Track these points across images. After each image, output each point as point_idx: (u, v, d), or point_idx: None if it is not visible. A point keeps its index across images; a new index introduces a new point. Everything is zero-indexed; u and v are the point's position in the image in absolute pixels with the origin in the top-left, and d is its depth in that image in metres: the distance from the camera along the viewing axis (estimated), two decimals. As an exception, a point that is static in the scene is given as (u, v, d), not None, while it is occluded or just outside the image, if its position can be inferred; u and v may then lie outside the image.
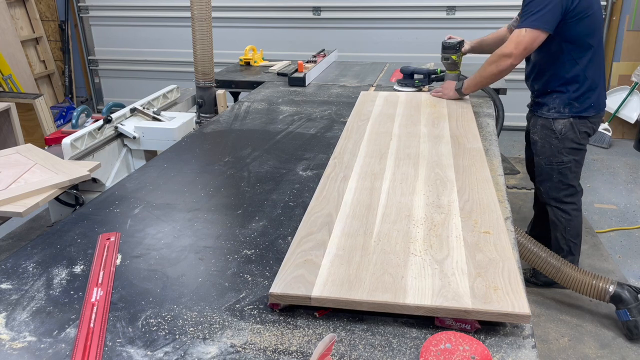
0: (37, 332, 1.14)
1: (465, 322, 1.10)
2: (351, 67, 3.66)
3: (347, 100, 2.82)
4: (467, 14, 5.06)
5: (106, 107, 2.87)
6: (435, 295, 1.14)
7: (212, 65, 2.99)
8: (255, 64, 3.78)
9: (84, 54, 6.03)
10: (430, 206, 1.54)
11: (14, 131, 4.09)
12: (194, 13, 2.79)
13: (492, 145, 2.10)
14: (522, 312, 1.09)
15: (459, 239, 1.36)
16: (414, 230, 1.41)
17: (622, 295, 2.50)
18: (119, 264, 1.38)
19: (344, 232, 1.41)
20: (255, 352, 1.06)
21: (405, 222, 1.45)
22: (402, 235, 1.39)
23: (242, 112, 2.68)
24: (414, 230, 1.41)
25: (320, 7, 5.31)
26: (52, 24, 5.97)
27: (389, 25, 5.24)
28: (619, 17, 4.87)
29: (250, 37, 5.26)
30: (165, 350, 1.07)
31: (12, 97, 4.56)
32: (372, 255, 1.30)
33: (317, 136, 2.31)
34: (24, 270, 1.36)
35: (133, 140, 2.67)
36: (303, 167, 1.98)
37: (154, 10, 5.64)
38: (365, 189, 1.67)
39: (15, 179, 2.05)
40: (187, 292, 1.25)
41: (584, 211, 3.60)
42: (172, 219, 1.61)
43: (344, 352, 1.05)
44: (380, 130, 2.21)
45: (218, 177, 1.91)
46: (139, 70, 5.90)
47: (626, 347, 2.51)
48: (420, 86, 2.90)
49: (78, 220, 1.62)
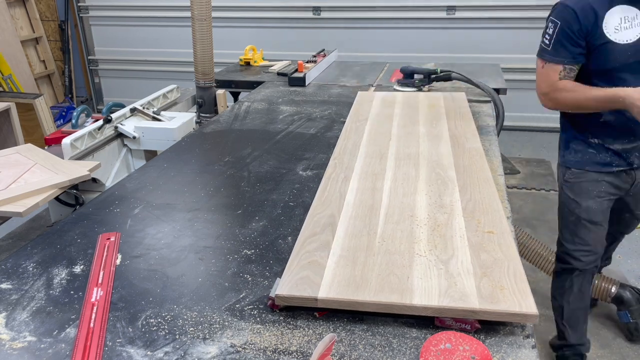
0: (37, 332, 1.13)
1: (466, 322, 1.10)
2: (351, 67, 3.66)
3: (347, 100, 2.81)
4: (467, 14, 5.06)
5: (106, 107, 2.87)
6: (442, 295, 1.14)
7: (212, 65, 2.99)
8: (255, 63, 3.78)
9: (83, 53, 6.03)
10: (432, 206, 1.54)
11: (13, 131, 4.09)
12: (194, 13, 2.79)
13: (492, 145, 2.10)
14: (530, 312, 1.09)
15: (463, 239, 1.36)
16: (417, 230, 1.41)
17: (624, 297, 2.50)
18: (119, 264, 1.38)
19: (347, 233, 1.41)
20: (255, 352, 1.06)
21: (409, 223, 1.45)
22: (406, 236, 1.39)
23: (242, 112, 2.68)
24: (418, 231, 1.41)
25: (320, 7, 5.32)
26: (52, 24, 5.97)
27: (389, 25, 5.24)
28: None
29: (250, 37, 5.25)
30: (165, 350, 1.07)
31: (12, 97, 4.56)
32: (376, 256, 1.30)
33: (317, 136, 2.31)
34: (24, 270, 1.35)
35: (133, 140, 2.67)
36: (303, 167, 1.98)
37: (154, 10, 5.64)
38: (366, 189, 1.67)
39: (15, 179, 2.05)
40: (187, 292, 1.25)
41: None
42: (172, 219, 1.61)
43: (344, 352, 1.05)
44: (379, 131, 2.20)
45: (218, 177, 1.91)
46: (139, 70, 5.91)
47: (626, 347, 2.51)
48: (420, 86, 2.90)
49: (78, 220, 1.62)
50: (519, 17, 4.92)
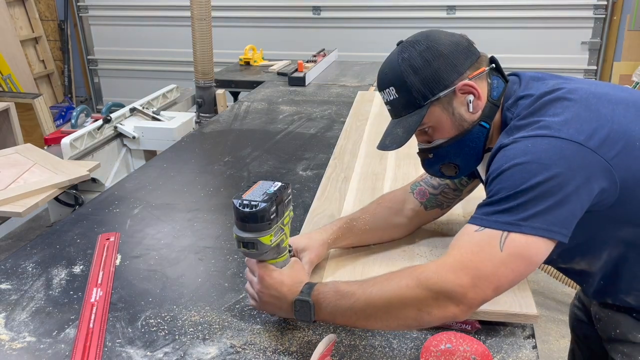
0: (37, 332, 1.13)
1: (466, 322, 1.10)
2: (351, 67, 3.66)
3: (347, 100, 2.81)
4: (467, 14, 5.05)
5: (106, 107, 2.87)
6: None
7: (212, 65, 2.99)
8: (255, 63, 3.78)
9: (83, 53, 6.02)
10: (431, 206, 1.54)
11: (13, 131, 4.08)
12: (194, 13, 2.79)
13: (492, 145, 2.10)
14: (530, 312, 1.09)
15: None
16: (417, 230, 1.40)
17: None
18: (118, 264, 1.38)
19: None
20: (255, 352, 1.05)
21: (408, 223, 1.45)
22: (407, 236, 1.38)
23: (242, 111, 2.68)
24: (418, 231, 1.40)
25: (320, 6, 5.31)
26: (51, 24, 5.96)
27: (389, 25, 5.23)
28: (620, 17, 4.87)
29: (250, 37, 5.24)
30: (165, 351, 1.06)
31: (11, 97, 4.54)
32: (377, 255, 1.30)
33: (317, 136, 2.30)
34: (24, 271, 1.35)
35: (132, 140, 2.67)
36: (303, 167, 1.97)
37: (154, 10, 5.63)
38: (367, 189, 1.67)
39: (14, 179, 2.05)
40: (187, 293, 1.25)
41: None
42: (171, 219, 1.60)
43: (344, 353, 1.04)
44: (379, 130, 2.18)
45: (218, 177, 1.91)
46: (139, 70, 5.90)
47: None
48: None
49: (77, 220, 1.61)
50: (519, 17, 4.91)
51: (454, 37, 1.12)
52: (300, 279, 1.08)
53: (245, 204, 1.01)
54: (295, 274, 1.08)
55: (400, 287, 0.96)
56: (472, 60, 1.11)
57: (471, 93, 1.09)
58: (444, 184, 1.34)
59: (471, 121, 1.11)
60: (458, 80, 1.08)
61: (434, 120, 1.11)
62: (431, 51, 1.08)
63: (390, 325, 1.00)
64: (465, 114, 1.11)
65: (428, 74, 1.08)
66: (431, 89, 1.08)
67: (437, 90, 1.08)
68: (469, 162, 1.16)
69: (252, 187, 1.07)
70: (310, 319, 1.02)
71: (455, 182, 1.33)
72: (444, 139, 1.13)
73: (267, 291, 1.06)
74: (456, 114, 1.10)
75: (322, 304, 1.01)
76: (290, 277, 1.06)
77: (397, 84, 1.11)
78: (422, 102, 1.10)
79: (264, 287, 1.06)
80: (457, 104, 1.10)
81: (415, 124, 1.10)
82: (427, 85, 1.08)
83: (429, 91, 1.09)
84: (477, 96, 1.09)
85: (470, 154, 1.14)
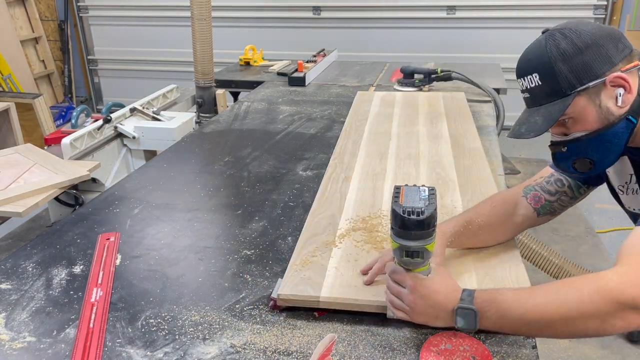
0: (37, 332, 1.13)
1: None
2: (351, 67, 3.66)
3: (347, 100, 2.81)
4: (467, 14, 5.05)
5: (106, 107, 2.87)
6: None
7: (212, 65, 2.98)
8: (255, 63, 3.78)
9: (83, 53, 6.02)
10: (432, 206, 1.54)
11: (13, 131, 4.08)
12: (194, 13, 2.78)
13: (492, 145, 2.09)
14: None
15: None
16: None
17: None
18: (118, 264, 1.38)
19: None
20: (255, 352, 1.05)
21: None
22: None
23: (242, 111, 2.68)
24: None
25: (320, 6, 5.31)
26: (51, 24, 5.96)
27: (389, 25, 5.23)
28: (620, 17, 4.87)
29: (250, 37, 5.24)
30: (165, 351, 1.06)
31: (11, 97, 4.55)
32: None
33: (317, 136, 2.30)
34: (24, 271, 1.35)
35: (133, 140, 2.66)
36: (303, 167, 1.97)
37: (154, 10, 5.64)
38: (367, 189, 1.67)
39: (14, 179, 2.05)
40: (187, 293, 1.25)
41: (585, 211, 3.61)
42: (171, 219, 1.60)
43: (344, 353, 1.04)
44: (379, 131, 2.20)
45: (218, 177, 1.91)
46: (139, 70, 5.90)
47: (627, 347, 2.51)
48: (421, 86, 2.89)
49: (78, 220, 1.61)
50: (519, 17, 4.91)
51: (605, 28, 1.10)
52: (453, 286, 1.04)
53: (409, 211, 0.95)
54: (446, 282, 1.05)
55: (580, 299, 0.92)
56: (625, 53, 1.08)
57: (622, 86, 1.06)
58: (562, 191, 1.29)
59: (618, 115, 1.08)
60: (609, 72, 1.05)
61: (578, 112, 1.08)
62: (583, 40, 1.05)
63: (565, 334, 0.98)
64: (612, 107, 1.07)
65: (578, 63, 1.04)
66: (580, 79, 1.05)
67: (586, 80, 1.05)
68: (607, 158, 1.12)
69: (401, 194, 1.01)
70: (475, 327, 1.00)
71: (573, 190, 1.29)
72: (584, 131, 1.09)
73: (422, 302, 1.03)
74: (603, 106, 1.07)
75: (486, 312, 0.99)
76: (443, 285, 1.04)
77: (542, 70, 1.08)
78: (568, 91, 1.06)
79: (418, 297, 1.03)
80: (604, 96, 1.07)
81: (557, 113, 1.07)
82: (576, 74, 1.05)
83: (577, 80, 1.05)
84: (627, 90, 1.06)
85: (611, 149, 1.10)
